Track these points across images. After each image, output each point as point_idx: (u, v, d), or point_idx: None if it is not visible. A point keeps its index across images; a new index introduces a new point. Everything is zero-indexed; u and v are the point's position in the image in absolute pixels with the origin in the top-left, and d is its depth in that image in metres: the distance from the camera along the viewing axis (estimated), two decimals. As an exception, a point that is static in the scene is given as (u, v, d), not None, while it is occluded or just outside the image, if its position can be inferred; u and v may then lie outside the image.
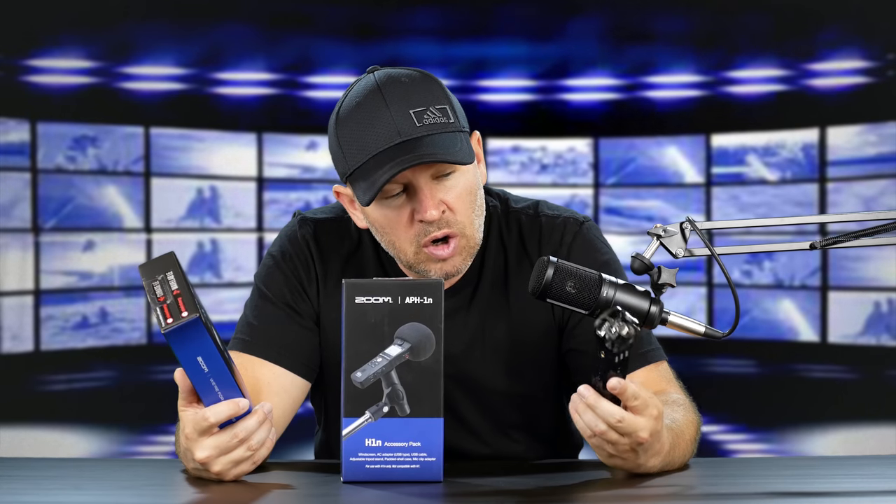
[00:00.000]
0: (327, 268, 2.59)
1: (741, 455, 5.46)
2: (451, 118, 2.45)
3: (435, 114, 2.44)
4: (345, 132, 2.46)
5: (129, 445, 5.42)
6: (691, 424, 2.43)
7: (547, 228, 2.60)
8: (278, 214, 5.61)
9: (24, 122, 5.47)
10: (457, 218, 2.46)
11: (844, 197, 5.55)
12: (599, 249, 2.61)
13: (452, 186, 2.46)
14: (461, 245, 2.48)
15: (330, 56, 5.54)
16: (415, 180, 2.43)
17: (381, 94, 2.44)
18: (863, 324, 5.54)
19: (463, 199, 2.47)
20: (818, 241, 2.25)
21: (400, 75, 2.47)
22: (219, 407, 2.18)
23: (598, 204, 5.61)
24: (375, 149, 2.42)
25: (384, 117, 2.42)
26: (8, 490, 2.21)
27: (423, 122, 2.43)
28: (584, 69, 5.57)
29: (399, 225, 2.46)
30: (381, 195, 2.44)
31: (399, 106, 2.43)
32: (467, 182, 2.47)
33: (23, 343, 5.48)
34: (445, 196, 2.45)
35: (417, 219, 2.45)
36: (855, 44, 5.50)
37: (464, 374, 2.57)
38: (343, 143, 2.46)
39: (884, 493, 2.17)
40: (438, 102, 2.45)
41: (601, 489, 2.20)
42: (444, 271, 2.48)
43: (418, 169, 2.42)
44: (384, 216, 2.47)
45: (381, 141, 2.42)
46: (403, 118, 2.42)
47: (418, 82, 2.47)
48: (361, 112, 2.45)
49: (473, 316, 2.57)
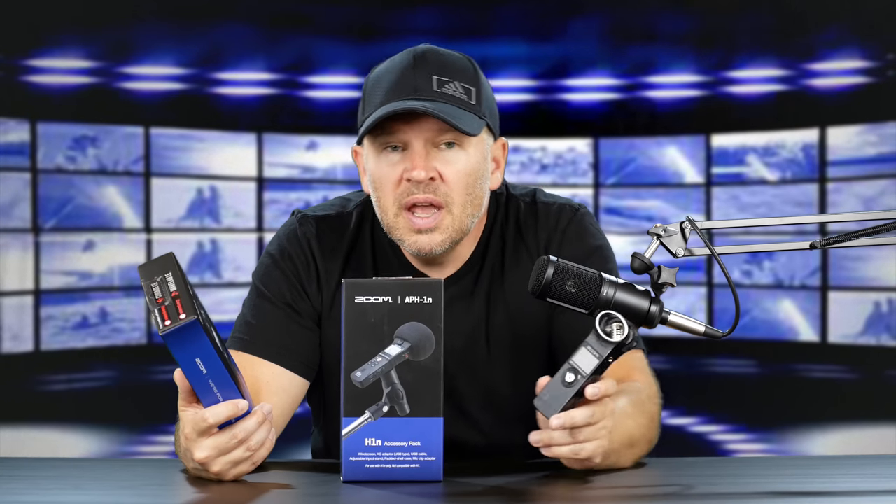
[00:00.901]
0: (328, 266, 2.59)
1: (741, 455, 5.45)
2: (473, 100, 2.47)
3: (457, 88, 2.47)
4: (370, 83, 2.51)
5: (129, 445, 5.42)
6: (637, 406, 2.41)
7: (543, 215, 2.61)
8: (278, 214, 5.61)
9: (24, 122, 5.47)
10: (447, 191, 2.47)
11: (844, 197, 5.55)
12: (594, 235, 2.62)
13: (452, 161, 2.47)
14: (445, 222, 2.48)
15: (330, 56, 5.54)
16: (413, 138, 2.46)
17: (413, 58, 2.49)
18: (863, 324, 5.54)
19: (459, 177, 2.48)
20: (818, 241, 2.25)
21: (442, 51, 2.52)
22: (218, 408, 2.18)
23: (598, 204, 5.61)
24: (387, 98, 2.45)
25: (408, 75, 2.47)
26: (8, 490, 2.21)
27: (441, 89, 2.46)
28: (584, 69, 5.57)
29: (389, 181, 2.48)
30: (381, 146, 2.47)
31: (425, 70, 2.47)
32: (469, 163, 2.48)
33: (23, 343, 5.48)
34: (442, 167, 2.47)
35: (405, 177, 2.46)
36: (855, 44, 5.50)
37: (466, 363, 2.57)
38: (366, 92, 2.51)
39: (884, 493, 2.17)
40: (466, 82, 2.49)
41: (601, 489, 2.20)
42: (418, 245, 2.48)
43: (417, 128, 2.45)
44: (379, 170, 2.49)
45: (394, 91, 2.45)
46: (424, 80, 2.46)
47: (455, 59, 2.51)
48: (390, 68, 2.50)
49: (476, 303, 2.58)
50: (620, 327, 2.17)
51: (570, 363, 2.18)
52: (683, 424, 5.50)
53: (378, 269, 2.58)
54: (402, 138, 2.47)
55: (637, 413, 2.41)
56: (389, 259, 2.59)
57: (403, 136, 2.46)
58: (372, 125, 2.44)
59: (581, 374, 2.17)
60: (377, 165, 2.49)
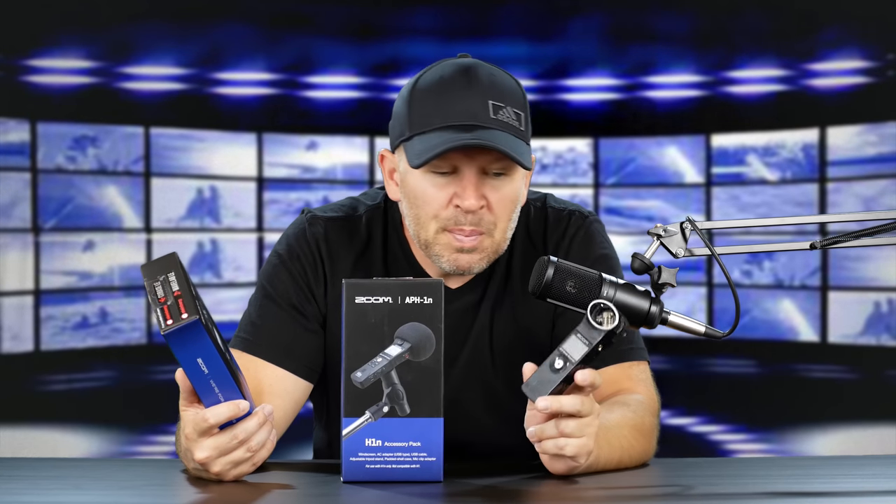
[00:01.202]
0: (336, 268, 2.57)
1: (741, 455, 5.45)
2: (522, 126, 2.47)
3: (510, 114, 2.46)
4: (419, 96, 2.47)
5: (129, 445, 5.42)
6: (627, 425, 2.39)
7: (553, 220, 2.62)
8: (278, 214, 5.61)
9: (24, 122, 5.47)
10: (492, 219, 2.47)
11: (844, 197, 5.55)
12: (600, 244, 2.62)
13: (499, 188, 2.47)
14: (485, 245, 2.48)
15: (330, 56, 5.54)
16: (466, 166, 2.44)
17: (467, 77, 2.47)
18: (863, 324, 5.54)
19: (504, 204, 2.48)
20: (818, 241, 2.25)
21: (490, 68, 2.50)
22: (219, 408, 2.18)
23: (598, 204, 5.61)
24: (444, 121, 2.43)
25: (463, 97, 2.45)
26: (8, 490, 2.21)
27: (497, 115, 2.45)
28: (584, 69, 5.57)
29: (434, 202, 2.46)
30: (431, 167, 2.45)
31: (481, 92, 2.45)
32: (513, 190, 2.49)
33: (23, 343, 5.48)
34: (490, 195, 2.46)
35: (455, 203, 2.45)
36: (855, 44, 5.50)
37: (471, 367, 2.57)
38: (413, 105, 2.47)
39: (884, 493, 2.17)
40: (517, 107, 2.48)
41: (600, 489, 2.20)
42: (457, 263, 2.48)
43: (475, 157, 2.44)
44: (423, 189, 2.47)
45: (452, 116, 2.43)
46: (481, 105, 2.44)
47: (505, 80, 2.50)
48: (443, 84, 2.47)
49: (483, 308, 2.58)
50: (612, 316, 2.17)
51: (559, 350, 2.18)
52: (683, 424, 5.50)
53: (389, 274, 2.58)
54: (456, 163, 2.45)
55: (634, 433, 2.41)
56: (401, 264, 2.58)
57: (458, 162, 2.44)
58: (432, 157, 2.41)
59: (570, 360, 2.18)
60: (421, 184, 2.47)
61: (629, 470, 2.38)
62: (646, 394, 2.51)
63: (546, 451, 2.22)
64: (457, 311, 2.56)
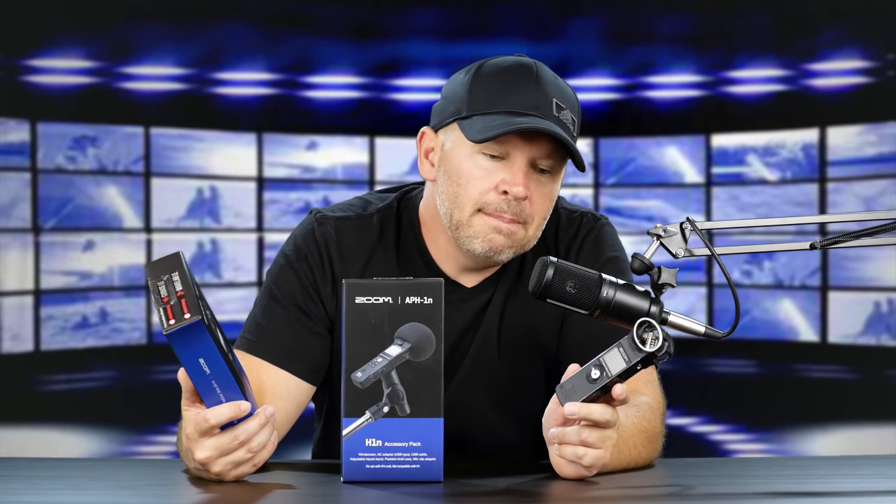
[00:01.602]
0: (346, 268, 2.57)
1: (741, 455, 5.45)
2: (575, 132, 2.50)
3: (568, 118, 2.48)
4: (483, 80, 2.48)
5: (129, 445, 5.42)
6: (633, 427, 2.40)
7: (565, 222, 2.62)
8: (278, 214, 5.60)
9: (24, 122, 5.47)
10: (532, 212, 2.48)
11: (844, 197, 5.55)
12: (611, 246, 2.63)
13: (544, 184, 2.48)
14: (519, 235, 2.48)
15: (330, 56, 5.54)
16: (519, 153, 2.45)
17: (534, 72, 2.49)
18: (863, 324, 5.54)
19: (544, 202, 2.49)
20: (818, 241, 2.25)
21: (553, 72, 2.52)
22: (220, 409, 2.18)
23: (598, 204, 5.61)
24: (511, 106, 2.45)
25: (530, 88, 2.47)
26: (8, 490, 2.21)
27: (559, 114, 2.46)
28: (584, 69, 5.57)
29: (479, 183, 2.47)
30: (484, 148, 2.45)
31: (547, 89, 2.47)
32: (554, 190, 2.50)
33: (23, 343, 5.48)
34: (534, 188, 2.47)
35: (502, 188, 2.45)
36: (855, 44, 5.50)
37: (477, 366, 2.57)
38: (475, 86, 2.48)
39: (884, 493, 2.17)
40: (574, 113, 2.50)
41: (601, 489, 2.20)
42: (492, 243, 2.48)
43: (530, 147, 2.45)
44: (468, 168, 2.47)
45: (519, 103, 2.45)
46: (546, 100, 2.46)
47: (566, 86, 2.52)
48: (509, 74, 2.49)
49: (492, 308, 2.58)
50: (656, 338, 2.17)
51: (599, 360, 2.18)
52: (683, 424, 5.50)
53: (403, 274, 2.57)
54: (509, 149, 2.46)
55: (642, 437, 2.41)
56: (416, 263, 2.58)
57: (513, 148, 2.45)
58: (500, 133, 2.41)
59: (607, 373, 2.18)
60: (468, 163, 2.47)
61: (628, 471, 2.38)
62: (653, 397, 2.52)
63: (564, 456, 2.22)
64: (471, 310, 2.57)
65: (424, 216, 2.58)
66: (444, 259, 2.57)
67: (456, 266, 2.56)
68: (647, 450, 2.42)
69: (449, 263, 2.57)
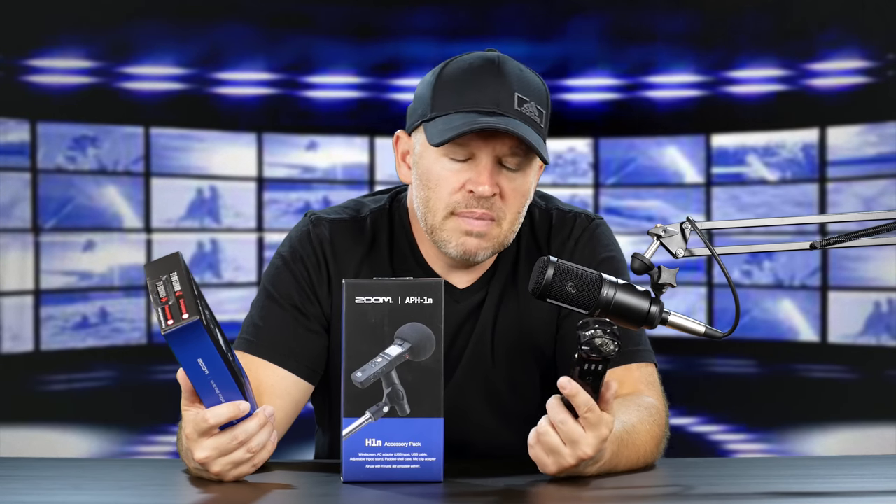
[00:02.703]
0: (341, 269, 2.57)
1: (741, 455, 5.45)
2: (543, 124, 2.49)
3: (533, 110, 2.47)
4: (446, 80, 2.48)
5: (129, 445, 5.42)
6: (647, 433, 2.40)
7: (557, 222, 2.62)
8: (278, 214, 5.60)
9: (24, 122, 5.47)
10: (503, 208, 2.47)
11: (844, 197, 5.55)
12: (606, 246, 2.61)
13: (513, 178, 2.47)
14: (493, 233, 2.48)
15: (330, 56, 5.54)
16: (483, 152, 2.45)
17: (496, 67, 2.48)
18: (863, 324, 5.54)
19: (515, 196, 2.48)
20: (818, 241, 2.25)
21: (519, 64, 2.52)
22: (219, 409, 2.18)
23: (598, 204, 5.61)
24: (470, 105, 2.44)
25: (491, 84, 2.46)
26: (8, 490, 2.21)
27: (521, 108, 2.46)
28: (584, 69, 5.57)
29: (446, 185, 2.47)
30: (448, 152, 2.46)
31: (508, 83, 2.47)
32: (526, 184, 2.49)
33: (23, 343, 5.48)
34: (503, 184, 2.46)
35: (468, 188, 2.45)
36: (855, 44, 5.50)
37: (472, 369, 2.57)
38: (439, 87, 2.48)
39: (884, 493, 2.17)
40: (540, 104, 2.49)
41: (601, 489, 2.20)
42: (465, 247, 2.48)
43: (492, 144, 2.44)
44: (436, 172, 2.47)
45: (478, 101, 2.45)
46: (507, 95, 2.46)
47: (532, 77, 2.52)
48: (471, 72, 2.48)
49: (486, 310, 2.58)
50: (608, 342, 2.15)
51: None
52: (683, 424, 5.50)
53: (395, 274, 2.57)
54: (473, 150, 2.45)
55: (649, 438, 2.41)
56: (409, 262, 2.58)
57: (475, 149, 2.45)
58: (456, 135, 2.41)
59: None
60: (436, 167, 2.47)
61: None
62: (656, 398, 2.52)
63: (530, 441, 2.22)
64: (463, 311, 2.56)
65: (412, 215, 2.59)
66: (433, 259, 2.57)
67: (444, 266, 2.57)
68: (653, 454, 2.42)
69: (438, 263, 2.57)
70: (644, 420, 2.41)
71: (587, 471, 2.25)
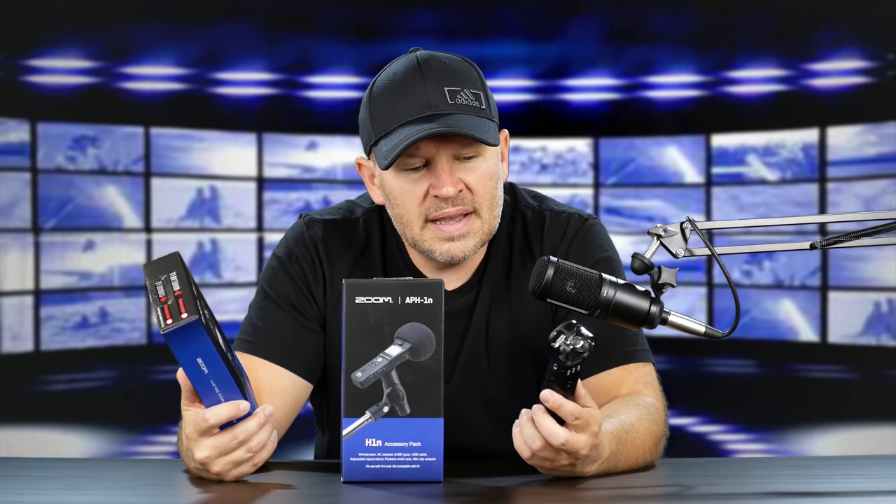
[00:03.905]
0: (335, 269, 2.58)
1: (741, 455, 5.45)
2: (483, 105, 2.47)
3: (468, 96, 2.46)
4: (377, 100, 2.48)
5: (129, 445, 5.42)
6: (645, 431, 2.41)
7: (550, 223, 2.61)
8: (278, 214, 5.61)
9: (24, 122, 5.47)
10: (474, 198, 2.47)
11: (844, 197, 5.55)
12: (600, 246, 2.60)
13: (474, 169, 2.47)
14: (475, 226, 2.48)
15: (330, 56, 5.54)
16: (437, 155, 2.45)
17: (419, 70, 2.47)
18: (863, 324, 5.54)
19: (484, 183, 2.48)
20: (818, 241, 2.25)
21: (440, 56, 2.50)
22: (218, 408, 2.18)
23: (598, 204, 5.61)
24: (404, 117, 2.44)
25: (418, 90, 2.45)
26: (8, 490, 2.21)
27: (455, 100, 2.45)
28: (584, 69, 5.57)
29: (412, 197, 2.47)
30: (402, 166, 2.46)
31: (434, 82, 2.45)
32: (489, 168, 2.48)
33: (23, 343, 5.48)
34: (466, 177, 2.46)
35: (433, 193, 2.45)
36: (855, 44, 5.50)
37: (467, 371, 2.57)
38: (373, 110, 2.48)
39: (884, 493, 2.17)
40: (474, 87, 2.48)
41: (601, 489, 2.20)
42: (451, 253, 2.48)
43: (441, 145, 2.44)
44: (400, 187, 2.47)
45: (411, 111, 2.44)
46: (437, 93, 2.44)
47: (457, 64, 2.49)
48: (396, 83, 2.47)
49: (479, 311, 2.57)
50: (566, 341, 2.15)
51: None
52: (683, 424, 5.50)
53: (387, 276, 2.58)
54: (425, 156, 2.45)
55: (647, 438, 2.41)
56: (399, 266, 2.58)
57: (427, 154, 2.45)
58: (399, 154, 2.41)
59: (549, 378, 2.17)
60: (397, 183, 2.48)
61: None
62: (655, 398, 2.51)
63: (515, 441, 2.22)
64: (454, 312, 2.56)
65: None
66: (422, 264, 2.58)
67: (432, 269, 2.57)
68: (652, 454, 2.42)
69: (427, 267, 2.57)
70: (643, 419, 2.41)
71: (586, 470, 2.25)
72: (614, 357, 2.52)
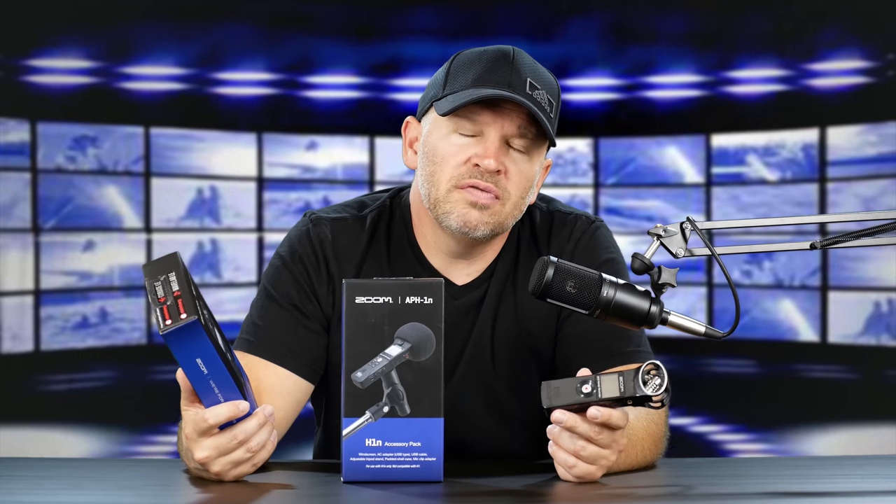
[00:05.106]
0: (342, 267, 2.57)
1: (741, 455, 5.45)
2: (552, 114, 2.50)
3: (544, 97, 2.48)
4: (458, 64, 2.51)
5: (129, 445, 5.42)
6: (644, 430, 2.41)
7: (558, 223, 2.62)
8: (278, 214, 5.61)
9: (24, 122, 5.47)
10: (507, 187, 2.48)
11: (844, 197, 5.55)
12: (606, 248, 2.61)
13: (518, 161, 2.49)
14: (496, 210, 2.49)
15: (330, 56, 5.54)
16: (492, 128, 2.47)
17: (510, 55, 2.50)
18: (863, 324, 5.54)
19: (520, 178, 2.49)
20: (818, 241, 2.25)
21: (534, 60, 2.54)
22: (218, 409, 2.18)
23: (598, 204, 5.61)
24: (481, 83, 2.46)
25: (503, 69, 2.48)
26: (8, 490, 2.21)
27: (533, 93, 2.47)
28: (584, 69, 5.57)
29: (453, 159, 2.48)
30: (456, 127, 2.48)
31: (521, 70, 2.49)
32: (530, 170, 2.50)
33: (23, 343, 5.48)
34: (509, 164, 2.47)
35: (474, 162, 2.46)
36: (855, 44, 5.50)
37: (471, 369, 2.57)
38: (452, 70, 2.51)
39: (884, 493, 2.17)
40: (552, 95, 2.51)
41: (601, 489, 2.20)
42: (467, 218, 2.48)
43: (502, 123, 2.46)
44: (443, 147, 2.49)
45: (489, 80, 2.46)
46: (519, 79, 2.48)
47: (545, 72, 2.53)
48: (484, 57, 2.51)
49: (485, 310, 2.58)
50: (659, 385, 2.17)
51: (596, 377, 2.17)
52: (683, 424, 5.50)
53: (393, 268, 2.57)
54: (482, 126, 2.47)
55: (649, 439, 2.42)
56: (407, 256, 2.58)
57: (484, 124, 2.47)
58: (463, 104, 2.43)
59: (597, 393, 2.17)
60: (443, 142, 2.49)
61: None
62: None
63: (556, 460, 2.23)
64: (462, 307, 2.56)
65: (413, 208, 2.60)
66: (432, 252, 2.57)
67: (443, 259, 2.56)
68: (652, 453, 2.43)
69: (437, 256, 2.57)
70: (642, 419, 2.41)
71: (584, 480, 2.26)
72: (615, 357, 2.52)
